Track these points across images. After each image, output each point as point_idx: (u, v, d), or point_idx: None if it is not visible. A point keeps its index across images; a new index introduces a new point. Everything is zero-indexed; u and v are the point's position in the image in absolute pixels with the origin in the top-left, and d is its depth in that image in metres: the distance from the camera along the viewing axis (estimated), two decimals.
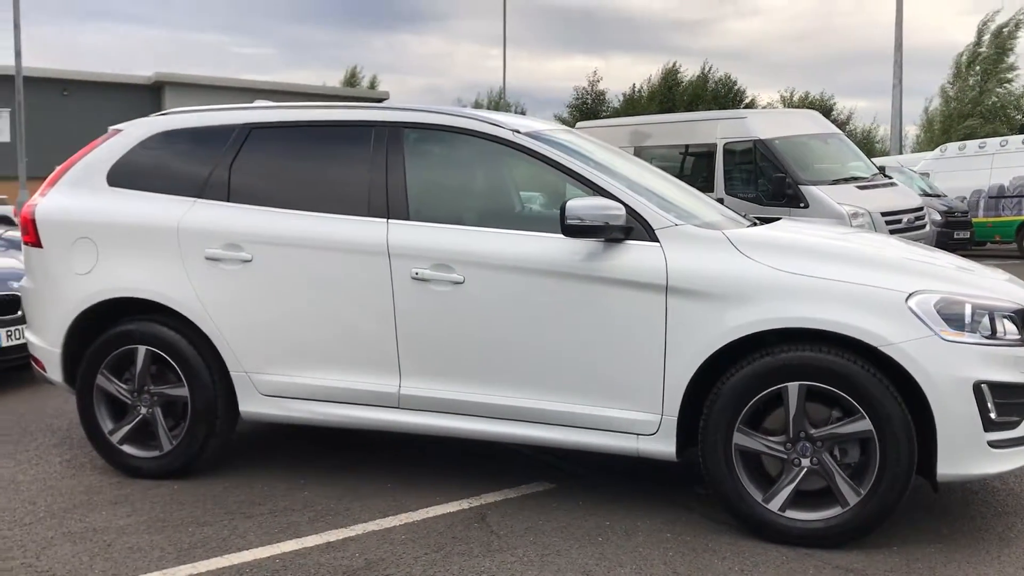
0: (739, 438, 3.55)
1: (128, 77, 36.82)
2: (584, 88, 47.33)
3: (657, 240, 3.68)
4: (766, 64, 73.85)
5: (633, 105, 44.53)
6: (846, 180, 12.18)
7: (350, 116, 4.23)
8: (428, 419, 3.96)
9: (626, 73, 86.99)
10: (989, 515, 3.87)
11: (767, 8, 75.02)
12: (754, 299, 3.51)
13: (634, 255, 3.67)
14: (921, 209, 12.38)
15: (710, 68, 46.93)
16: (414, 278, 3.88)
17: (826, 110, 45.52)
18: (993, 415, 3.38)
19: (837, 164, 12.59)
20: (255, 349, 4.14)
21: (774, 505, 3.53)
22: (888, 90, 30.48)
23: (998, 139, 21.45)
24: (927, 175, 21.26)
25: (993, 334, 3.46)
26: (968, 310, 3.44)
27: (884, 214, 11.60)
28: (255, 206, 4.18)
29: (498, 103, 52.12)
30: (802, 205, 11.64)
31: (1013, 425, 3.45)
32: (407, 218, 3.97)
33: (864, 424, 3.40)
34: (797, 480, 3.51)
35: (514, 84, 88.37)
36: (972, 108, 38.61)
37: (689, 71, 47.53)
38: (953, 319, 3.42)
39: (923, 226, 12.22)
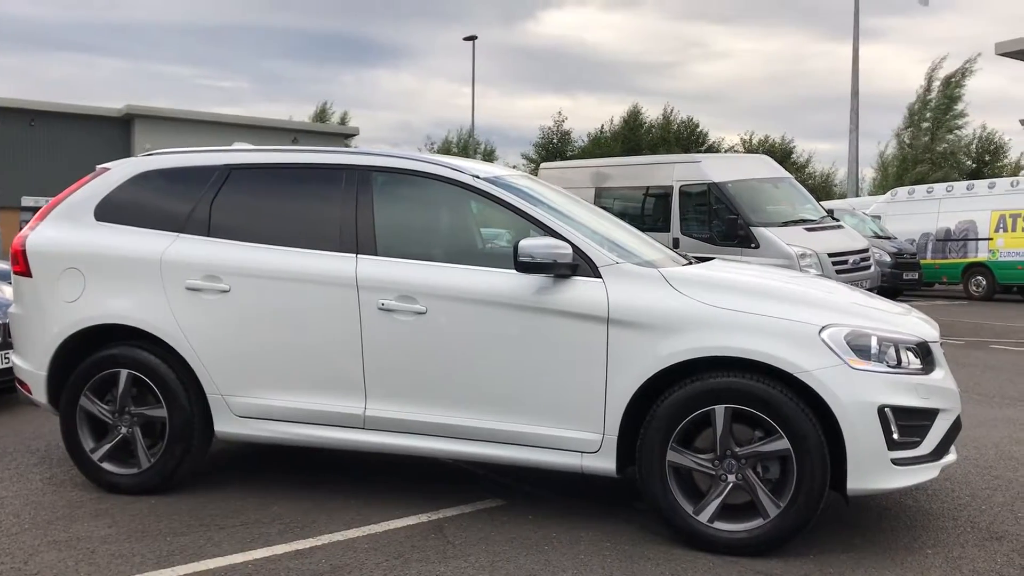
0: (672, 456, 3.93)
1: (98, 109, 36.89)
2: (550, 128, 48.17)
3: (600, 276, 4.08)
4: (732, 106, 75.49)
5: (598, 145, 45.39)
6: (795, 222, 12.75)
7: (324, 159, 4.61)
8: (391, 439, 4.30)
9: (594, 112, 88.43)
10: (899, 528, 4.27)
11: (734, 51, 76.82)
12: (685, 330, 3.91)
13: (579, 290, 4.07)
14: (867, 250, 12.98)
15: (672, 110, 47.98)
16: (380, 308, 4.25)
17: (786, 153, 46.68)
18: (896, 436, 3.80)
19: (787, 207, 13.16)
20: (230, 373, 4.46)
21: (703, 517, 3.91)
22: (848, 133, 31.52)
23: (945, 184, 22.36)
24: (878, 218, 22.05)
25: (898, 364, 3.90)
26: (874, 342, 3.87)
27: (831, 255, 12.16)
28: (234, 241, 4.54)
29: (467, 140, 52.98)
30: (753, 246, 12.16)
31: (914, 445, 3.87)
32: (375, 253, 4.34)
33: (783, 443, 3.80)
34: (724, 494, 3.89)
35: (484, 121, 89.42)
36: (924, 154, 39.85)
37: (651, 113, 48.57)
38: (861, 350, 3.84)
39: (868, 267, 12.81)
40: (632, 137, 45.60)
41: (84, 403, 4.62)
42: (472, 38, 38.26)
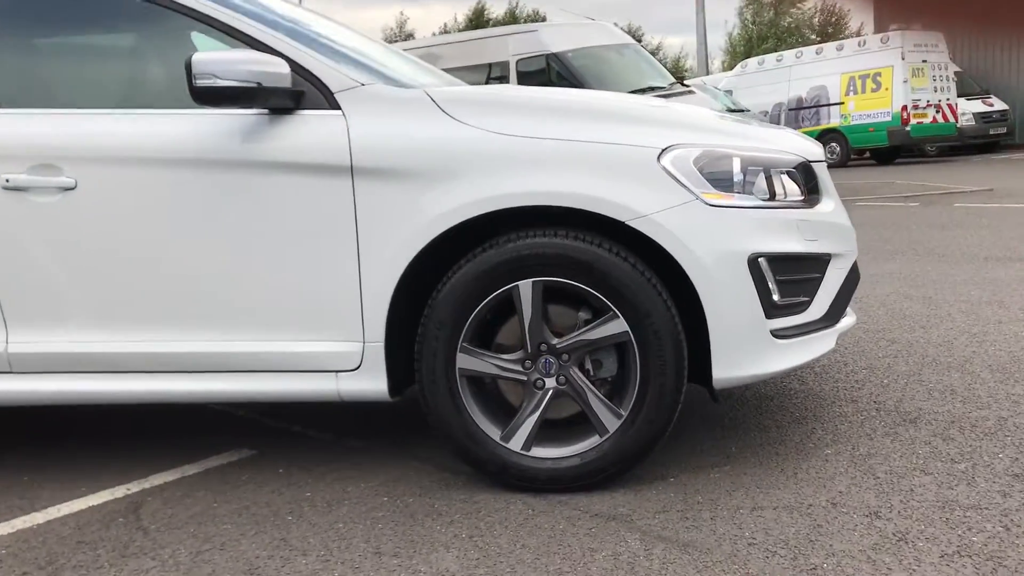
0: (464, 360, 2.66)
1: None
2: (392, 29, 45.70)
3: (338, 106, 2.70)
4: (581, 4, 73.61)
5: None
6: (643, 91, 11.59)
7: None
8: (52, 384, 2.86)
9: (445, 18, 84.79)
10: (785, 423, 3.17)
11: None
12: (465, 173, 2.61)
13: (308, 128, 2.68)
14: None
15: (517, 4, 46.22)
16: (6, 187, 2.76)
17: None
18: (776, 296, 2.63)
19: (633, 75, 11.99)
20: None
21: (516, 443, 2.68)
22: (695, 26, 30.78)
23: (794, 51, 21.74)
24: (730, 92, 21.31)
25: (771, 195, 2.71)
26: (737, 165, 2.66)
27: None
28: None
29: None
30: None
31: (801, 308, 2.72)
32: None
33: (618, 325, 2.59)
34: (542, 407, 2.67)
35: None
36: (769, 30, 39.72)
37: (497, 10, 46.69)
38: (719, 178, 2.63)
39: None
40: None
41: None
42: None
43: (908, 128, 18.64)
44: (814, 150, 2.96)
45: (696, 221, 2.56)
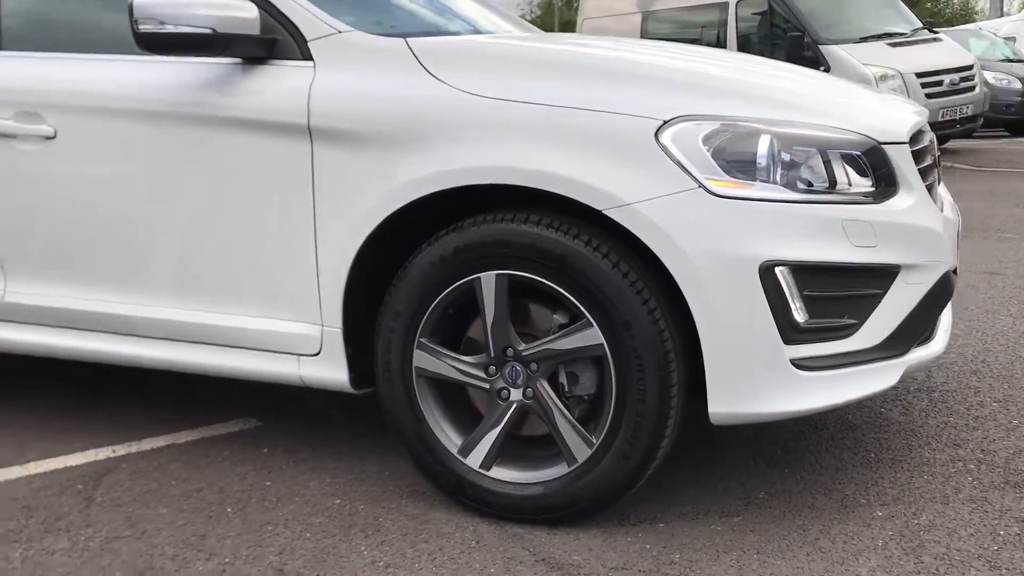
0: (420, 358, 2.30)
1: None
2: None
3: (311, 57, 2.38)
4: None
5: None
6: (877, 37, 10.35)
7: None
8: (39, 336, 2.79)
9: None
10: (849, 465, 2.54)
11: None
12: (428, 142, 2.21)
13: (274, 82, 2.39)
14: (971, 68, 10.44)
15: None
16: None
17: None
18: (799, 316, 2.03)
19: (869, 19, 10.71)
20: None
21: (474, 459, 2.30)
22: None
23: None
24: (1013, 39, 18.72)
25: (832, 184, 2.10)
26: (765, 144, 2.06)
27: (920, 75, 9.80)
28: None
29: None
30: (822, 68, 9.89)
31: (842, 332, 2.09)
32: None
33: (592, 335, 2.11)
34: (504, 421, 2.26)
35: None
36: None
37: None
38: (739, 161, 2.05)
39: (972, 88, 10.34)
40: None
41: None
42: None
43: None
44: (895, 128, 2.26)
45: (693, 215, 2.01)
